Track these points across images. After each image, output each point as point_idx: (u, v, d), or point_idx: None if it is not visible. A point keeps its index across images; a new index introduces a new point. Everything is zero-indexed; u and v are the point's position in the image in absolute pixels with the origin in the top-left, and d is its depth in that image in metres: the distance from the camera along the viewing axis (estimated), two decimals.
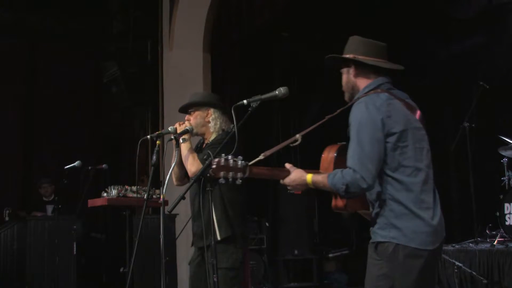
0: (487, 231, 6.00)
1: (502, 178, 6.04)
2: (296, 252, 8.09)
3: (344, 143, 2.70)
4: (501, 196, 5.77)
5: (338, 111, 2.73)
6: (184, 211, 5.39)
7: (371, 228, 2.60)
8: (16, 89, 8.93)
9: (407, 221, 2.48)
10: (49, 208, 7.69)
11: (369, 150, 2.46)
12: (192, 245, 3.72)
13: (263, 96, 2.90)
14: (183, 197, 3.00)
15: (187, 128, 3.58)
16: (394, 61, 2.79)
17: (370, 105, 2.52)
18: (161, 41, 7.82)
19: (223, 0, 7.51)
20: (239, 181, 2.51)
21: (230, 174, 2.49)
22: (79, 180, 6.14)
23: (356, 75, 2.71)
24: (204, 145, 3.73)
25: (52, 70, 8.94)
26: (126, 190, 5.37)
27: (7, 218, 7.10)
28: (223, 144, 3.08)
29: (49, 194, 7.85)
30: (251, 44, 8.08)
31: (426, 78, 8.04)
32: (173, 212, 3.23)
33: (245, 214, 3.66)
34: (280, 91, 2.90)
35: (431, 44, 8.04)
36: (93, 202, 5.61)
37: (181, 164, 3.65)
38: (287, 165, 2.64)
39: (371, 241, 2.57)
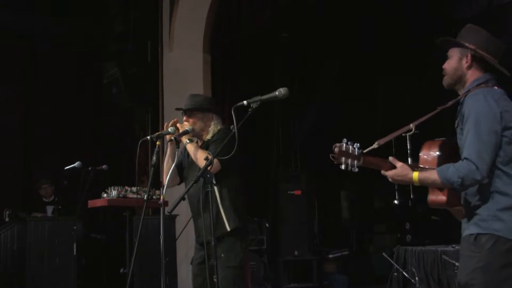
0: None
1: None
2: (296, 253, 8.09)
3: (444, 139, 2.70)
4: None
5: (451, 103, 2.73)
6: (184, 212, 5.38)
7: (466, 221, 2.58)
8: (16, 89, 8.94)
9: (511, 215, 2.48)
10: (49, 209, 7.69)
11: (487, 141, 2.47)
12: (196, 241, 3.73)
13: (263, 97, 2.90)
14: (183, 198, 3.01)
15: (187, 129, 3.62)
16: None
17: (489, 97, 2.53)
18: (161, 42, 7.81)
19: (223, 0, 7.50)
20: (355, 169, 2.47)
21: (349, 160, 2.46)
22: (79, 181, 6.12)
23: (469, 66, 2.71)
24: (200, 144, 3.77)
25: (52, 70, 8.94)
26: (126, 190, 5.38)
27: (7, 219, 7.08)
28: (224, 144, 3.09)
29: (49, 195, 7.85)
30: (251, 44, 8.07)
31: (426, 78, 8.04)
32: (173, 212, 3.24)
33: (245, 212, 3.70)
34: (280, 91, 2.90)
35: (431, 44, 8.03)
36: (93, 203, 5.61)
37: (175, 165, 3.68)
38: (391, 158, 2.63)
39: (468, 233, 2.55)
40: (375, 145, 2.57)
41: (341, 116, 8.97)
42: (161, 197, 3.30)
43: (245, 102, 2.88)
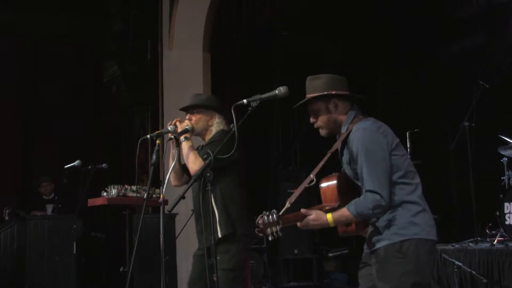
0: (487, 231, 5.99)
1: (502, 178, 6.04)
2: (296, 251, 8.09)
3: (337, 173, 2.89)
4: (501, 196, 5.77)
5: (337, 144, 2.91)
6: (184, 211, 5.40)
7: (380, 234, 2.76)
8: (16, 89, 8.93)
9: (423, 217, 2.75)
10: (49, 208, 7.69)
11: (381, 170, 2.71)
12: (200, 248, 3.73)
13: (263, 96, 2.90)
14: (183, 197, 3.00)
15: (187, 127, 3.60)
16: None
17: (368, 130, 2.78)
18: (161, 40, 7.82)
19: (223, 0, 7.51)
20: (280, 234, 2.64)
21: (273, 228, 2.64)
22: (79, 180, 6.12)
23: (337, 109, 2.92)
24: (202, 145, 3.76)
25: (52, 69, 8.94)
26: (126, 189, 5.38)
27: (7, 218, 7.09)
28: (224, 143, 3.08)
29: (49, 192, 7.83)
30: (251, 44, 8.07)
31: (426, 77, 8.04)
32: (173, 211, 3.23)
33: (247, 214, 3.66)
34: (280, 90, 2.90)
35: (431, 44, 8.04)
36: (93, 202, 5.61)
37: (180, 164, 3.67)
38: (303, 210, 2.81)
39: (389, 242, 2.72)
40: (287, 205, 2.79)
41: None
42: (161, 196, 3.30)
43: (245, 100, 2.88)
